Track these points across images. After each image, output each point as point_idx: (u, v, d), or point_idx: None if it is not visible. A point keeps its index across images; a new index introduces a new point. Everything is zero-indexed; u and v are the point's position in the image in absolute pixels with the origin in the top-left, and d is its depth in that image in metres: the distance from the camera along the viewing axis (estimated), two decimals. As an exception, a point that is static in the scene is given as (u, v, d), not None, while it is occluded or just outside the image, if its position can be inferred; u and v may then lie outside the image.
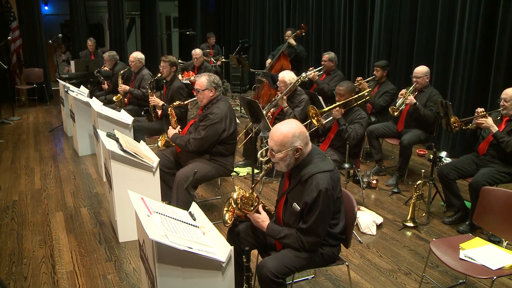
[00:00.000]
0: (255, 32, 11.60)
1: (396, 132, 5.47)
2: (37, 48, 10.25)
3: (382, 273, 3.58)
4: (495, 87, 5.52)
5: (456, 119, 4.35)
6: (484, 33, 5.68)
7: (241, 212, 2.76)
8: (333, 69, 6.76)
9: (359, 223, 4.25)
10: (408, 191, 5.10)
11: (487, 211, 3.17)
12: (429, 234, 4.20)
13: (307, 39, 9.47)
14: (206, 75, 4.18)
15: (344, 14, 8.24)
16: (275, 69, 7.74)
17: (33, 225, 4.40)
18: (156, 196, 3.93)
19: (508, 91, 4.08)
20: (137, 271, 3.58)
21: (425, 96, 5.22)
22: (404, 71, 7.01)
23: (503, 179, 4.05)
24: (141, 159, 3.83)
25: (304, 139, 2.60)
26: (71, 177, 5.67)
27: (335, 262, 2.84)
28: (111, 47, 11.21)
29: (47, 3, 14.43)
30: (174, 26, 15.10)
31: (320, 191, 2.51)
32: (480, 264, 2.84)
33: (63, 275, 3.54)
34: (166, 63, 5.49)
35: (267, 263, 2.59)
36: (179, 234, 2.39)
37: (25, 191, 5.23)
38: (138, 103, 6.39)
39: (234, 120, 4.24)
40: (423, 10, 6.59)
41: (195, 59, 8.21)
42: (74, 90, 6.67)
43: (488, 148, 4.19)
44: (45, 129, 8.06)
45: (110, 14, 11.48)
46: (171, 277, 2.37)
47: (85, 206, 4.81)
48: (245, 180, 5.55)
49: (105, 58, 7.67)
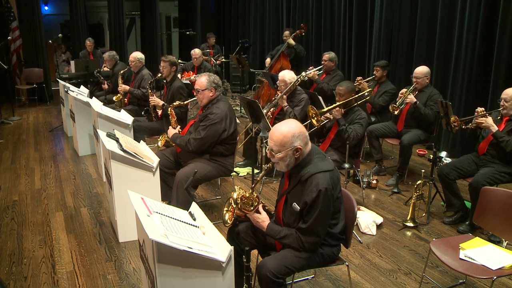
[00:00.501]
0: (255, 32, 11.60)
1: (396, 132, 5.47)
2: (37, 48, 10.25)
3: (382, 273, 3.58)
4: (495, 87, 5.52)
5: (456, 119, 4.35)
6: (484, 33, 5.68)
7: (241, 212, 2.76)
8: (333, 69, 6.76)
9: (359, 223, 4.25)
10: (408, 191, 5.10)
11: (487, 211, 3.17)
12: (429, 234, 4.20)
13: (307, 39, 9.48)
14: (206, 75, 4.18)
15: (344, 14, 8.24)
16: (274, 69, 7.75)
17: (33, 225, 4.40)
18: (156, 196, 3.93)
19: (508, 91, 4.08)
20: (137, 271, 3.58)
21: (425, 96, 5.22)
22: (404, 71, 7.01)
23: (503, 179, 4.05)
24: (141, 159, 3.83)
25: (303, 139, 2.60)
26: (71, 177, 5.67)
27: (335, 262, 2.84)
28: (111, 47, 11.20)
29: (47, 3, 14.43)
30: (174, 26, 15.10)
31: (320, 191, 2.51)
32: (480, 264, 2.84)
33: (63, 275, 3.54)
34: (166, 63, 5.49)
35: (267, 263, 2.59)
36: (179, 234, 2.39)
37: (25, 191, 5.23)
38: (138, 103, 6.39)
39: (234, 120, 4.24)
40: (423, 10, 6.59)
41: (194, 59, 8.21)
42: (74, 90, 6.67)
43: (488, 148, 4.19)
44: (45, 129, 8.06)
45: (110, 14, 11.48)
46: (171, 277, 2.37)
47: (85, 206, 4.81)
48: (245, 180, 5.55)
49: (105, 58, 7.67)
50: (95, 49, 9.88)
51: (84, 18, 11.20)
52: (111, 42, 11.68)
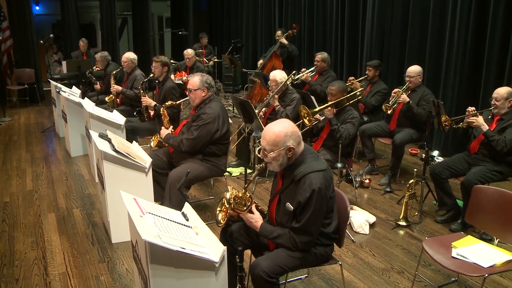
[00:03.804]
0: (247, 32, 11.60)
1: (389, 132, 5.49)
2: (28, 48, 10.17)
3: (375, 272, 3.60)
4: (486, 86, 5.56)
5: (446, 118, 4.38)
6: (475, 33, 5.71)
7: (234, 212, 2.76)
8: (326, 70, 6.77)
9: (352, 222, 4.26)
10: (400, 190, 5.11)
11: (478, 209, 3.19)
12: (421, 233, 4.23)
13: (300, 39, 9.48)
14: (199, 75, 4.18)
15: (336, 14, 8.26)
16: (267, 69, 7.75)
17: (25, 226, 4.37)
18: (149, 196, 3.91)
19: (499, 91, 4.12)
20: (130, 272, 3.57)
21: (418, 96, 5.24)
22: (396, 70, 7.04)
23: (494, 177, 4.08)
24: (133, 160, 3.81)
25: (296, 138, 2.61)
26: (63, 178, 5.63)
27: (328, 261, 2.84)
28: (103, 47, 11.16)
29: (38, 3, 14.32)
30: (167, 26, 15.06)
31: (313, 191, 2.52)
32: (472, 262, 2.86)
33: (56, 277, 3.52)
34: (158, 63, 5.49)
35: (260, 263, 2.59)
36: (172, 235, 2.38)
37: (17, 193, 5.19)
38: (130, 103, 6.36)
39: (227, 120, 4.24)
40: (415, 10, 6.61)
41: (187, 59, 8.19)
42: (66, 90, 6.64)
43: (479, 147, 4.22)
44: (36, 130, 8.01)
45: (102, 14, 11.42)
46: (164, 277, 2.37)
47: (77, 207, 4.78)
48: (238, 180, 5.55)
49: (97, 59, 7.63)
50: (87, 49, 9.83)
51: (75, 18, 11.13)
52: (103, 43, 11.63)
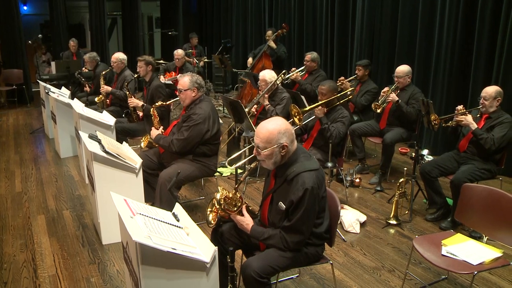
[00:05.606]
0: (237, 32, 11.60)
1: (379, 131, 5.51)
2: (16, 48, 10.06)
3: (366, 271, 3.61)
4: (474, 85, 5.62)
5: (436, 117, 4.41)
6: (463, 33, 5.77)
7: (225, 212, 2.76)
8: (316, 69, 6.79)
9: (342, 221, 4.28)
10: (391, 189, 5.14)
11: (468, 207, 3.22)
12: (412, 231, 4.25)
13: (289, 39, 9.50)
14: (189, 75, 4.17)
15: (326, 14, 8.28)
16: (256, 69, 7.74)
17: (14, 229, 4.32)
18: (139, 197, 3.90)
19: (488, 90, 4.16)
20: (121, 273, 3.55)
21: (407, 95, 5.27)
22: (386, 70, 7.07)
23: (483, 175, 4.12)
24: (123, 161, 3.80)
25: (289, 136, 2.62)
26: (53, 179, 5.59)
27: (319, 261, 2.85)
28: (93, 48, 11.08)
29: (26, 3, 14.21)
30: (156, 27, 15.01)
31: (306, 190, 2.52)
32: (462, 259, 2.89)
33: (45, 279, 3.49)
34: (142, 62, 5.50)
35: (252, 263, 2.59)
36: (163, 236, 2.37)
37: (5, 195, 5.14)
38: (120, 104, 6.33)
39: (217, 121, 4.23)
40: (404, 10, 6.66)
41: (177, 60, 8.16)
42: (55, 91, 6.59)
43: (468, 145, 4.26)
44: (25, 131, 7.94)
45: (91, 15, 11.33)
46: (155, 278, 2.36)
47: (67, 209, 4.75)
48: (229, 181, 5.54)
49: (86, 60, 7.57)
50: (77, 50, 9.76)
51: (64, 19, 11.06)
52: (92, 43, 11.54)
